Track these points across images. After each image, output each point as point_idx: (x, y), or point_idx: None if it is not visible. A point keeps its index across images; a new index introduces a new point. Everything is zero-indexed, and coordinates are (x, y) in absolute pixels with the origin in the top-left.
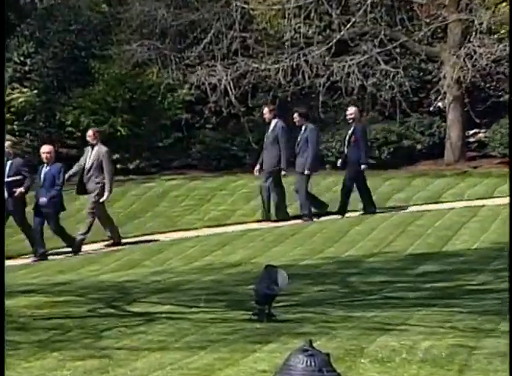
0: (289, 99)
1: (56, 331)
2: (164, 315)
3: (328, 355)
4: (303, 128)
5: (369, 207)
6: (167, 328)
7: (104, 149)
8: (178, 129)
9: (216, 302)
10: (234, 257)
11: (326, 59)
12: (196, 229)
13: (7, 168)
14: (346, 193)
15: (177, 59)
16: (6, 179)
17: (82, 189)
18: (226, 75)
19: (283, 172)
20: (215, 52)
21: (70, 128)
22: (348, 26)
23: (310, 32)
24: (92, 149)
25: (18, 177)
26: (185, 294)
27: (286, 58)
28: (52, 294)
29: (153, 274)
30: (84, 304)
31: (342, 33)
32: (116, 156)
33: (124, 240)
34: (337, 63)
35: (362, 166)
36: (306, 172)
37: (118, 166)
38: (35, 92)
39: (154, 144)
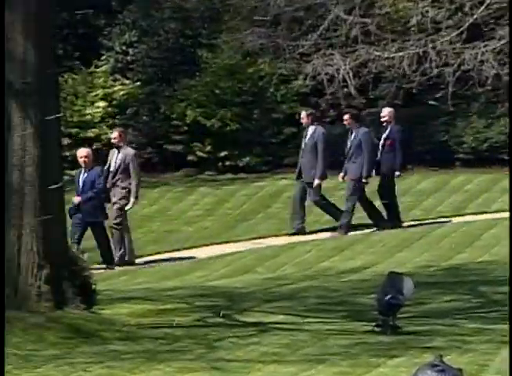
0: (414, 90)
1: (163, 341)
2: (278, 325)
3: (460, 370)
4: (354, 131)
5: (384, 221)
6: (282, 339)
7: (132, 151)
8: (292, 124)
9: (333, 312)
10: (353, 263)
11: (457, 45)
12: (313, 232)
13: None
14: (388, 203)
15: (291, 48)
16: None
17: (107, 197)
18: (345, 64)
19: (316, 181)
20: (333, 39)
21: (175, 122)
22: (482, 8)
23: (439, 16)
24: (118, 151)
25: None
26: (300, 302)
27: (411, 45)
28: (157, 301)
29: (266, 281)
30: (191, 312)
31: (475, 16)
32: (224, 152)
33: (232, 244)
34: (469, 49)
35: (396, 173)
36: (363, 180)
37: (227, 163)
38: (138, 83)
39: (266, 140)
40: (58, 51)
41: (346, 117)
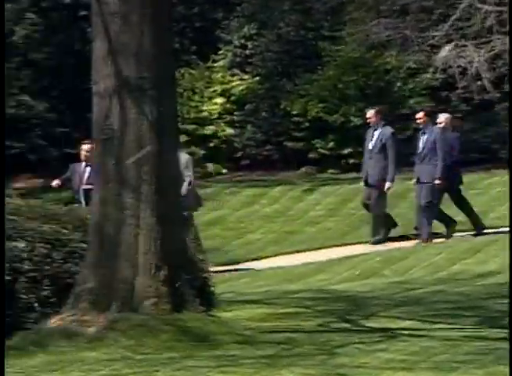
0: None
1: (284, 346)
2: (405, 331)
3: None
4: (427, 130)
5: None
6: (411, 346)
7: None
8: None
9: (465, 318)
10: (487, 266)
11: None
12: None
13: (86, 174)
14: (462, 206)
15: (419, 40)
16: (84, 186)
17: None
18: (478, 56)
19: (387, 185)
20: (465, 29)
21: (296, 118)
22: None
23: None
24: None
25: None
26: (429, 307)
27: None
28: (279, 305)
29: (393, 285)
30: (314, 317)
31: None
32: (347, 150)
33: (357, 246)
34: None
35: (437, 181)
36: (437, 182)
37: (351, 161)
38: (257, 78)
39: None
40: (175, 45)
41: (420, 115)
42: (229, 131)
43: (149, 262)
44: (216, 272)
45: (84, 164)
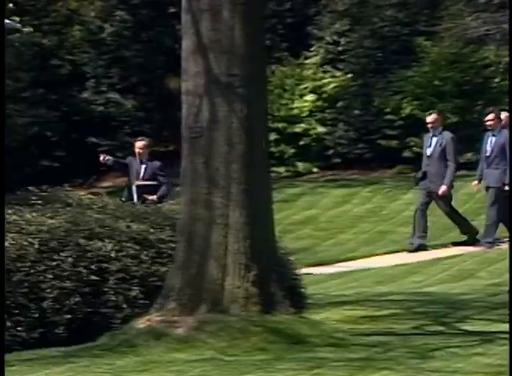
0: None
1: (377, 349)
2: (503, 335)
3: None
4: (496, 133)
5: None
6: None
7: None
8: None
9: None
10: None
11: None
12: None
13: (142, 171)
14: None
15: None
16: (138, 183)
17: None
18: None
19: (442, 188)
20: None
21: (389, 116)
22: None
23: None
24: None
25: (153, 182)
26: None
27: None
28: (371, 307)
29: (489, 287)
30: (408, 320)
31: None
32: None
33: (450, 248)
34: None
35: (506, 187)
36: (506, 188)
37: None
38: (350, 75)
39: None
40: (266, 42)
41: (491, 116)
42: (320, 129)
43: (238, 262)
44: (307, 273)
45: (139, 160)
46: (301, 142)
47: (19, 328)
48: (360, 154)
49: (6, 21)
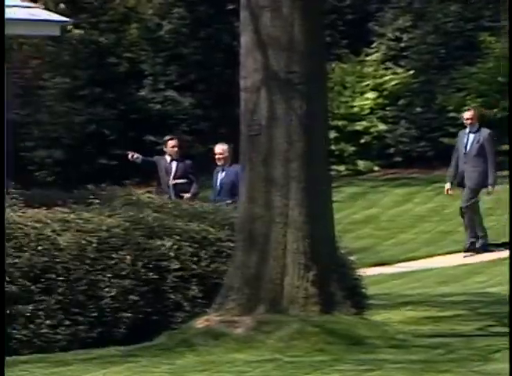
0: None
1: (439, 351)
2: None
3: None
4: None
5: None
6: None
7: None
8: None
9: None
10: None
11: None
12: None
13: (173, 170)
14: None
15: None
16: (174, 181)
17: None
18: None
19: (490, 189)
20: None
21: (452, 114)
22: None
23: None
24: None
25: (183, 180)
26: None
27: None
28: (433, 308)
29: None
30: (471, 321)
31: None
32: (506, 146)
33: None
34: None
35: (490, 188)
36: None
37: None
38: (412, 72)
39: None
40: (326, 38)
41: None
42: (381, 126)
43: (297, 261)
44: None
45: (169, 158)
46: (362, 140)
47: (78, 327)
48: (422, 152)
49: (60, 18)
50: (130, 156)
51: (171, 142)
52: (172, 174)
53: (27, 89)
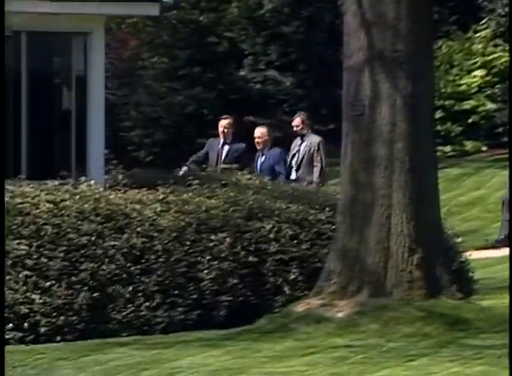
0: None
1: None
2: None
3: None
4: None
5: None
6: None
7: None
8: None
9: None
10: None
11: None
12: None
13: (224, 154)
14: None
15: None
16: (223, 166)
17: None
18: None
19: None
20: None
21: None
22: None
23: None
24: None
25: (234, 165)
26: None
27: None
28: None
29: None
30: None
31: None
32: None
33: None
34: None
35: None
36: None
37: None
38: None
39: None
40: (433, 15)
41: None
42: (490, 105)
43: (402, 244)
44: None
45: (222, 140)
46: (469, 120)
47: (177, 309)
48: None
49: None
50: (181, 173)
51: (222, 122)
52: (222, 158)
53: (126, 70)
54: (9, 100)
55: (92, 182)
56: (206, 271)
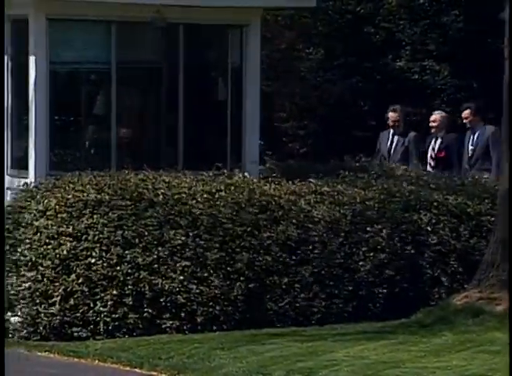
0: None
1: None
2: None
3: None
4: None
5: None
6: None
7: None
8: None
9: None
10: None
11: None
12: None
13: (393, 143)
14: None
15: None
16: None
17: None
18: None
19: None
20: None
21: None
22: None
23: None
24: None
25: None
26: None
27: None
28: None
29: None
30: None
31: None
32: None
33: None
34: None
35: None
36: None
37: None
38: None
39: None
40: None
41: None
42: None
43: None
44: None
45: (391, 131)
46: None
47: (333, 300)
48: None
49: None
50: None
51: (391, 114)
52: (392, 150)
53: (281, 61)
54: (166, 92)
55: (246, 173)
56: (362, 262)
